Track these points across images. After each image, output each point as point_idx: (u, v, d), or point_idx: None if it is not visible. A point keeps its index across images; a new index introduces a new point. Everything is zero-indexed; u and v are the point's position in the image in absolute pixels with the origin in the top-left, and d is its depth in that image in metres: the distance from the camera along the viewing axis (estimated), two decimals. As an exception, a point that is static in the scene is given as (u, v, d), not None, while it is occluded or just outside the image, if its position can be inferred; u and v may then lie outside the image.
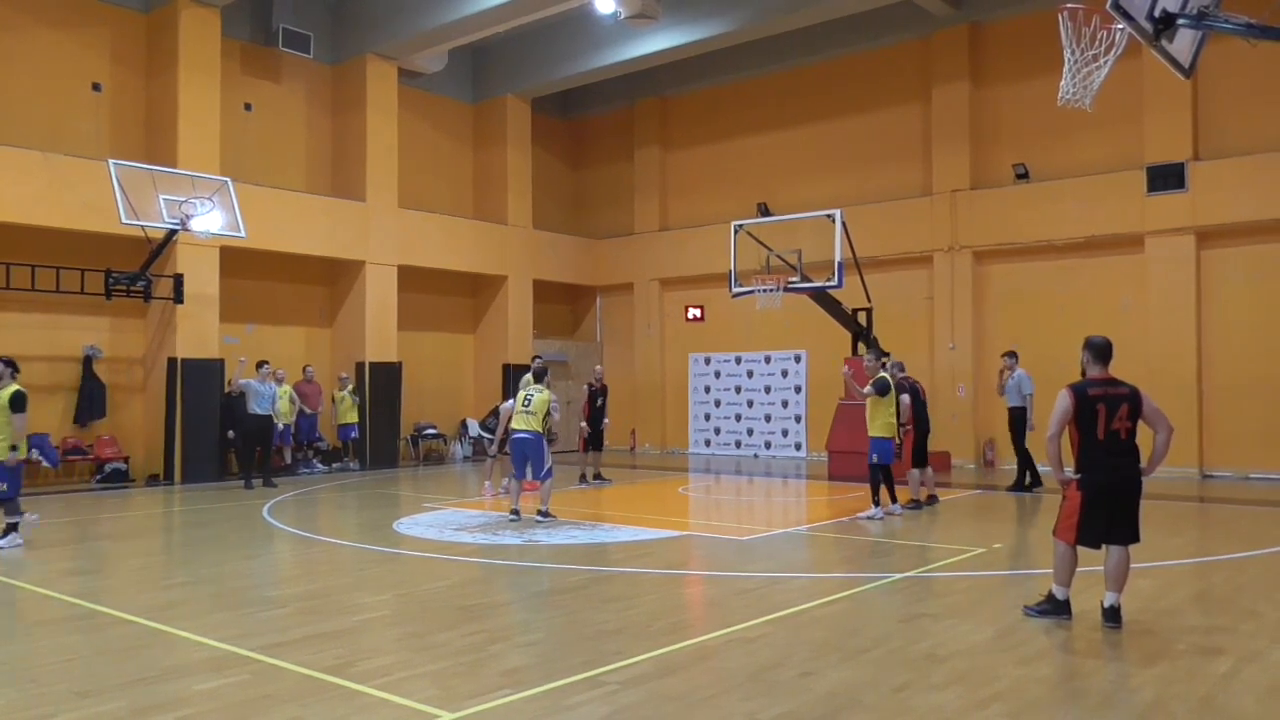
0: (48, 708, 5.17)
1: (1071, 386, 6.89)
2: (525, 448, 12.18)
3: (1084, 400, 6.78)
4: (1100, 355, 7.01)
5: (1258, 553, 9.63)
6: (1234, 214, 16.60)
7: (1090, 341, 7.06)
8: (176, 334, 17.24)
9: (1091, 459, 6.80)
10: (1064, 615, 6.90)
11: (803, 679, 5.57)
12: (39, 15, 16.99)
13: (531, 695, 5.30)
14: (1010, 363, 14.93)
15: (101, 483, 16.88)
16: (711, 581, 8.80)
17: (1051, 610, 6.92)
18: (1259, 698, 5.22)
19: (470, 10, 18.30)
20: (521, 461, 12.28)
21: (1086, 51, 7.82)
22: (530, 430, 12.13)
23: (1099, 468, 6.78)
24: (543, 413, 12.22)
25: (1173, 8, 6.99)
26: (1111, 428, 6.74)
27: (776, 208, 21.60)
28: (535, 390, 12.35)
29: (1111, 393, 6.82)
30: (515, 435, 12.26)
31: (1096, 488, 6.78)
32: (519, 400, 12.35)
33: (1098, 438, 6.75)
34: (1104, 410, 6.75)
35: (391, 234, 20.60)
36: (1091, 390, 6.83)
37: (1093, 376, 6.94)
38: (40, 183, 15.68)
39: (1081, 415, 6.77)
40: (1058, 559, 6.96)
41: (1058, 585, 6.95)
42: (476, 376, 23.56)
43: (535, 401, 12.21)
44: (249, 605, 7.74)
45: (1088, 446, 6.80)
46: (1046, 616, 6.89)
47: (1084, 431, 6.80)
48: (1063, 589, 6.93)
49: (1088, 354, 7.06)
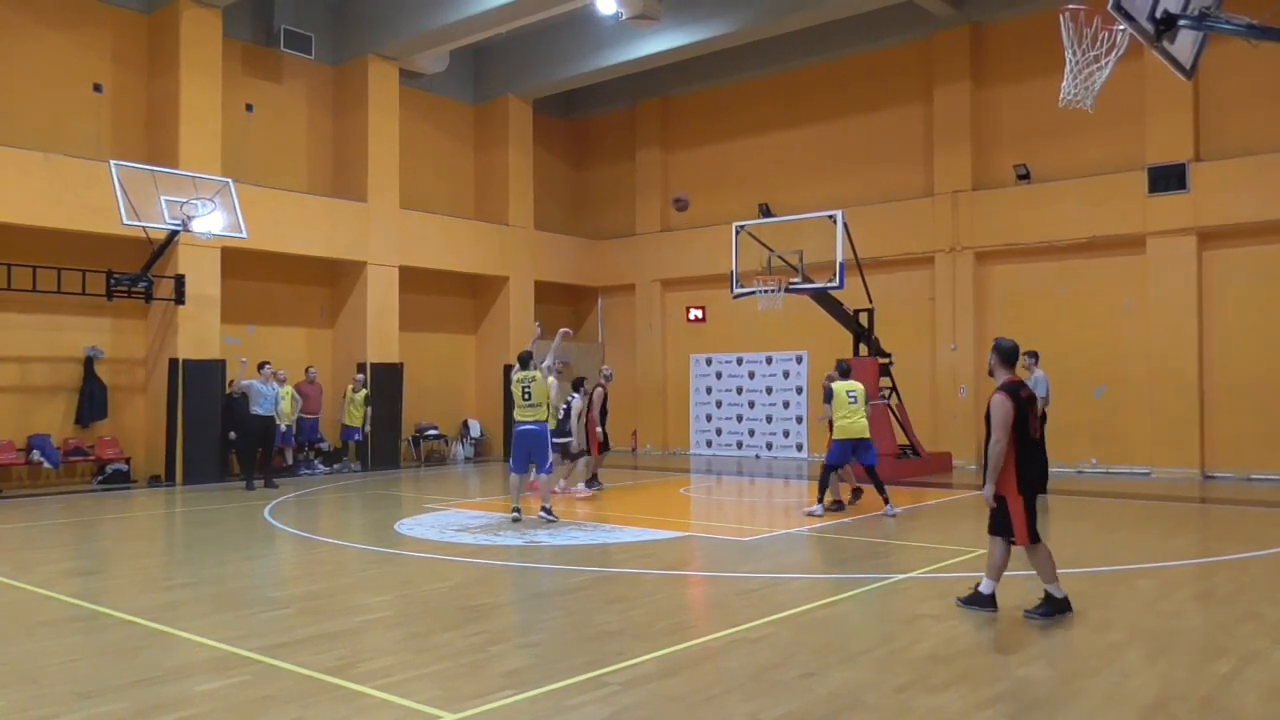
0: (50, 709, 5.17)
1: (1006, 391, 6.98)
2: (530, 440, 11.96)
3: (1020, 403, 6.93)
4: (1010, 359, 7.20)
5: (1259, 553, 9.62)
6: (1235, 215, 16.59)
7: (999, 345, 7.24)
8: (178, 335, 17.25)
9: (1025, 458, 6.95)
10: (1065, 611, 7.00)
11: (804, 679, 5.57)
12: (40, 16, 17.01)
13: (533, 696, 5.30)
14: (1029, 362, 14.51)
15: (103, 484, 16.88)
16: (713, 582, 8.80)
17: (1056, 610, 6.96)
18: (1261, 698, 5.21)
19: (472, 11, 18.32)
20: (524, 456, 12.09)
21: (1088, 52, 7.82)
22: (535, 421, 11.92)
23: (1032, 466, 6.97)
24: (546, 400, 11.97)
25: (1174, 9, 6.98)
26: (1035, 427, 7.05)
27: (778, 208, 21.61)
28: (530, 379, 12.03)
29: (1028, 394, 7.12)
30: (519, 428, 12.06)
31: (1033, 486, 6.98)
32: (517, 393, 12.04)
33: (1030, 438, 6.96)
34: (1030, 412, 6.98)
35: (393, 235, 20.61)
36: (1021, 391, 7.02)
37: (1011, 379, 7.09)
38: (41, 183, 15.69)
39: (1019, 417, 6.88)
40: (1039, 562, 7.03)
41: (1051, 585, 7.02)
42: (478, 377, 23.57)
43: (536, 391, 11.96)
44: (251, 606, 7.74)
45: (1023, 447, 6.92)
46: (1050, 618, 6.90)
47: (1020, 433, 6.89)
48: (1058, 587, 7.03)
49: (996, 357, 7.21)
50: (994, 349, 7.27)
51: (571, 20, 21.07)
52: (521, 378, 12.12)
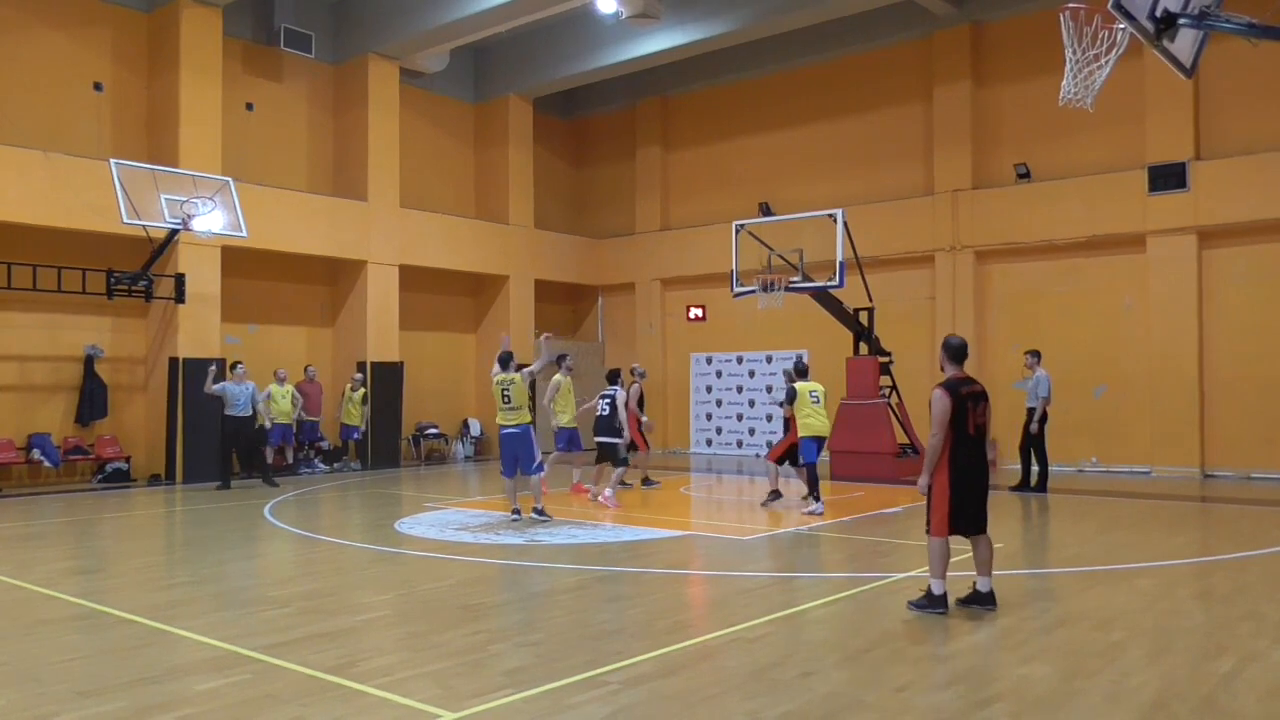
0: (50, 707, 5.17)
1: (945, 387, 7.08)
2: (514, 443, 11.89)
3: (959, 399, 7.03)
4: (957, 356, 7.30)
5: (1259, 552, 9.63)
6: (1235, 214, 16.60)
7: (948, 342, 7.34)
8: (178, 334, 17.26)
9: (961, 453, 7.04)
10: (940, 609, 7.02)
11: (804, 679, 5.57)
12: (40, 15, 17.01)
13: (533, 695, 5.30)
14: (1031, 361, 14.67)
15: (103, 482, 16.89)
16: (713, 581, 8.80)
17: (929, 605, 7.05)
18: (1260, 698, 5.21)
19: (472, 10, 18.31)
20: (510, 459, 11.99)
21: (1088, 51, 7.82)
22: (517, 424, 11.83)
23: (967, 461, 7.04)
24: (525, 402, 11.86)
25: (1174, 7, 6.98)
26: (976, 424, 7.08)
27: (778, 207, 21.61)
28: (509, 381, 11.93)
29: (973, 390, 7.15)
30: (502, 431, 12.00)
31: (966, 481, 7.04)
32: (497, 396, 11.94)
33: (968, 433, 7.05)
34: (970, 408, 7.07)
35: (393, 234, 20.61)
36: (962, 389, 7.10)
37: (955, 376, 7.20)
38: (42, 182, 15.69)
39: (956, 413, 7.00)
40: (934, 554, 7.06)
41: (935, 579, 7.06)
42: (478, 376, 23.55)
43: (515, 394, 11.86)
44: (250, 605, 7.74)
45: (959, 442, 7.02)
46: (925, 611, 7.02)
47: (956, 428, 7.01)
48: (940, 583, 7.05)
49: (945, 354, 7.33)
50: (942, 345, 7.37)
51: (572, 19, 21.06)
52: (501, 380, 12.02)
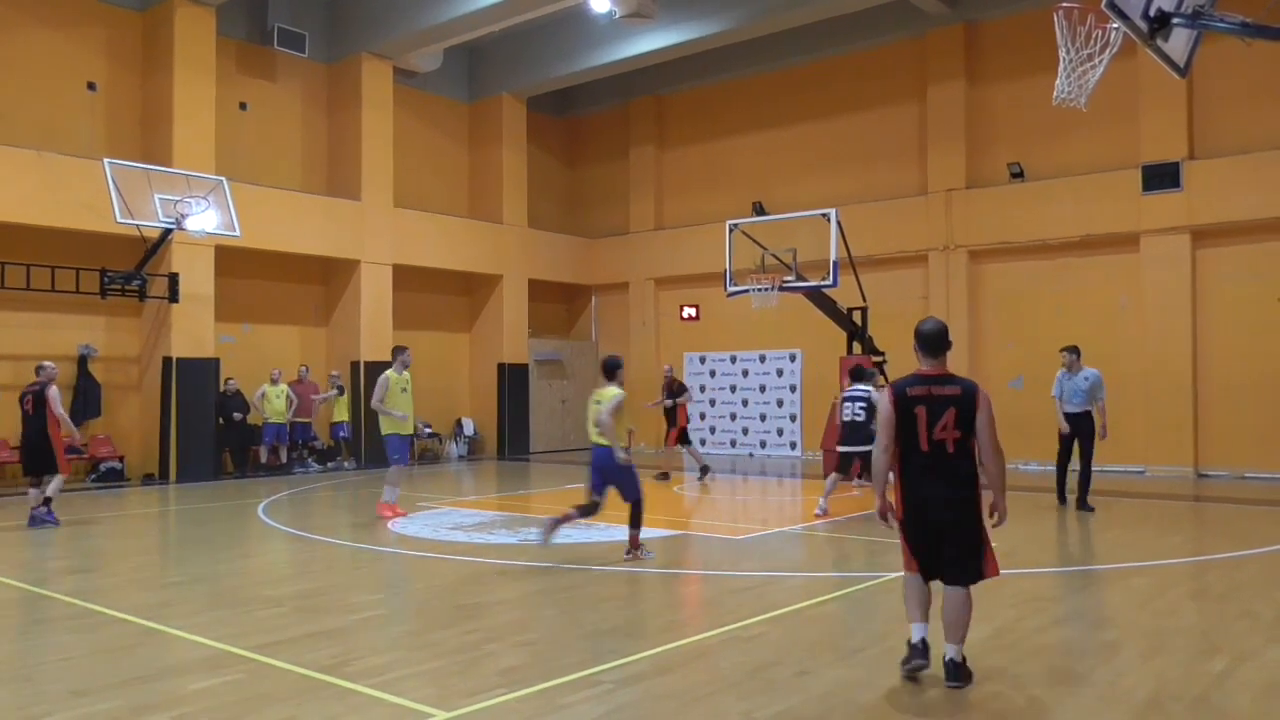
0: (43, 707, 5.16)
1: (892, 386, 5.56)
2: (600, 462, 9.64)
3: (902, 401, 5.41)
4: (929, 345, 5.54)
5: (1253, 552, 9.65)
6: (1229, 213, 16.62)
7: (918, 329, 5.61)
8: (172, 333, 17.23)
9: (911, 476, 5.42)
10: (917, 660, 5.43)
11: (799, 678, 5.57)
12: (34, 14, 16.95)
13: (527, 694, 5.29)
14: (1071, 358, 12.42)
15: (97, 482, 16.85)
16: (707, 580, 8.80)
17: (907, 658, 5.48)
18: (1255, 697, 5.22)
19: (465, 9, 18.29)
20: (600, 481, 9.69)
21: (1082, 50, 7.84)
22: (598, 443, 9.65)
23: (918, 489, 5.40)
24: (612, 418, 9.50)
25: (1168, 7, 6.99)
26: (935, 437, 5.32)
27: (772, 207, 21.61)
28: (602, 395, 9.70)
29: (936, 393, 5.37)
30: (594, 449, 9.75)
31: (917, 514, 5.44)
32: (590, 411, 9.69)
33: (920, 449, 5.36)
34: (924, 414, 5.34)
35: (387, 233, 20.58)
36: (911, 389, 5.42)
37: (920, 371, 5.52)
38: (35, 182, 15.65)
39: (901, 420, 5.39)
40: (905, 591, 5.65)
41: (910, 623, 5.53)
42: (471, 376, 23.56)
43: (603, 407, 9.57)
44: (244, 604, 7.72)
45: (909, 461, 5.42)
46: (905, 667, 5.48)
47: (904, 441, 5.41)
48: (916, 627, 5.49)
49: (916, 343, 5.62)
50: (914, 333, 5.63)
51: (565, 18, 21.05)
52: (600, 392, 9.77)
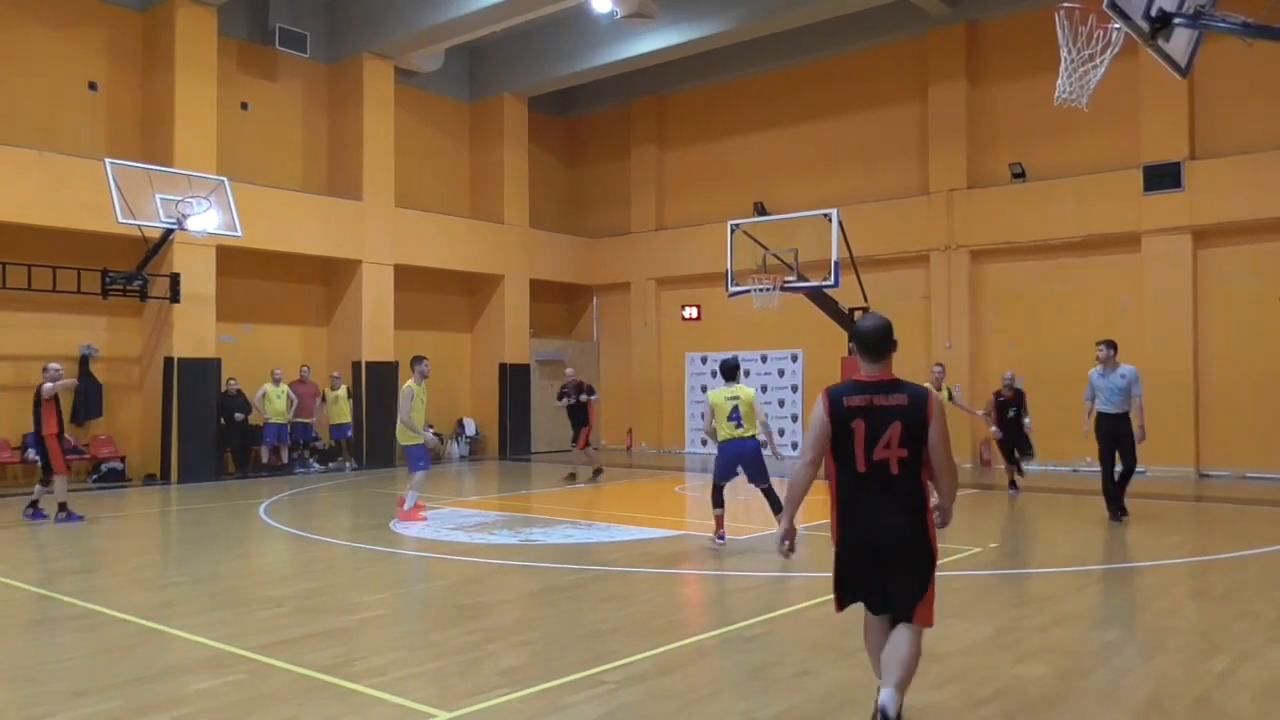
0: (45, 707, 5.16)
1: (827, 393, 4.60)
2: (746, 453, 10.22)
3: (838, 413, 4.48)
4: (870, 346, 4.59)
5: (1254, 552, 9.64)
6: (1230, 213, 16.62)
7: (857, 326, 4.74)
8: (173, 333, 17.24)
9: (847, 500, 4.54)
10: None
11: (800, 678, 5.57)
12: (35, 14, 16.97)
13: (529, 694, 5.30)
14: (1107, 353, 11.80)
15: (98, 482, 16.86)
16: (708, 580, 8.80)
17: None
18: (1255, 697, 5.22)
19: (467, 9, 18.30)
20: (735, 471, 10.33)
21: (1083, 51, 7.84)
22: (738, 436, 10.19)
23: (856, 517, 4.52)
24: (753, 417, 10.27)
25: (1169, 7, 6.99)
26: (874, 456, 4.44)
27: (773, 207, 21.60)
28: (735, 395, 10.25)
29: (879, 403, 4.46)
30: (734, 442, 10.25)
31: (854, 545, 4.55)
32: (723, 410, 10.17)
33: (856, 470, 4.47)
34: (862, 429, 4.44)
35: (388, 233, 20.59)
36: (850, 399, 4.49)
37: (861, 377, 4.58)
38: (36, 182, 15.66)
39: (836, 435, 4.49)
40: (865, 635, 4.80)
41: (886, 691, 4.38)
42: (473, 376, 23.56)
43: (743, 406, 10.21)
44: (245, 604, 7.73)
45: (844, 483, 4.54)
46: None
47: (839, 460, 4.54)
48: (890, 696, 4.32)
49: (853, 343, 4.83)
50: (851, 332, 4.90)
51: (567, 18, 21.05)
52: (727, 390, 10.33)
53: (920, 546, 4.49)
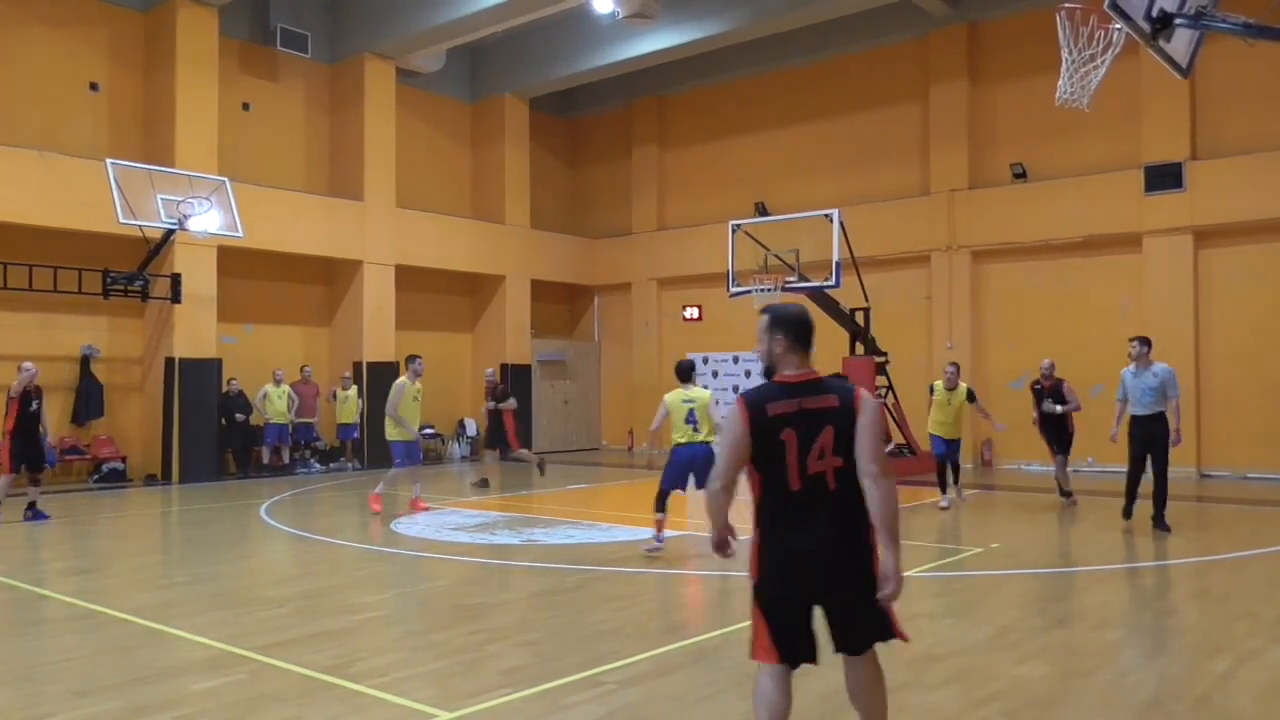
0: (45, 707, 5.16)
1: (744, 399, 3.83)
2: None
3: (761, 424, 3.73)
4: (798, 334, 3.90)
5: (1255, 552, 9.64)
6: (1232, 213, 16.60)
7: (778, 313, 3.98)
8: (174, 334, 17.24)
9: (777, 525, 3.78)
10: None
11: (800, 679, 5.53)
12: (36, 14, 16.97)
13: (530, 695, 5.30)
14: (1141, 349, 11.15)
15: (99, 482, 16.86)
16: (709, 581, 8.80)
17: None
18: (1256, 697, 5.22)
19: (468, 10, 18.30)
20: None
21: (1084, 51, 7.85)
22: None
23: (789, 541, 3.76)
24: None
25: (1170, 7, 6.99)
26: (810, 470, 3.72)
27: (774, 207, 21.61)
28: None
29: (809, 406, 3.75)
30: None
31: (787, 576, 3.79)
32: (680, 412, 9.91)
33: (788, 488, 3.72)
34: (794, 440, 3.71)
35: (389, 233, 20.59)
36: (774, 405, 3.75)
37: (786, 377, 3.86)
38: (37, 182, 15.66)
39: (758, 446, 3.74)
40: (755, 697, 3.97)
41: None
42: (474, 377, 23.54)
43: None
44: (247, 605, 7.73)
45: (773, 507, 3.79)
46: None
47: (764, 476, 3.78)
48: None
49: (779, 336, 3.91)
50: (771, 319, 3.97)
51: (568, 19, 21.05)
52: None
53: (868, 561, 3.79)
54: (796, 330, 3.88)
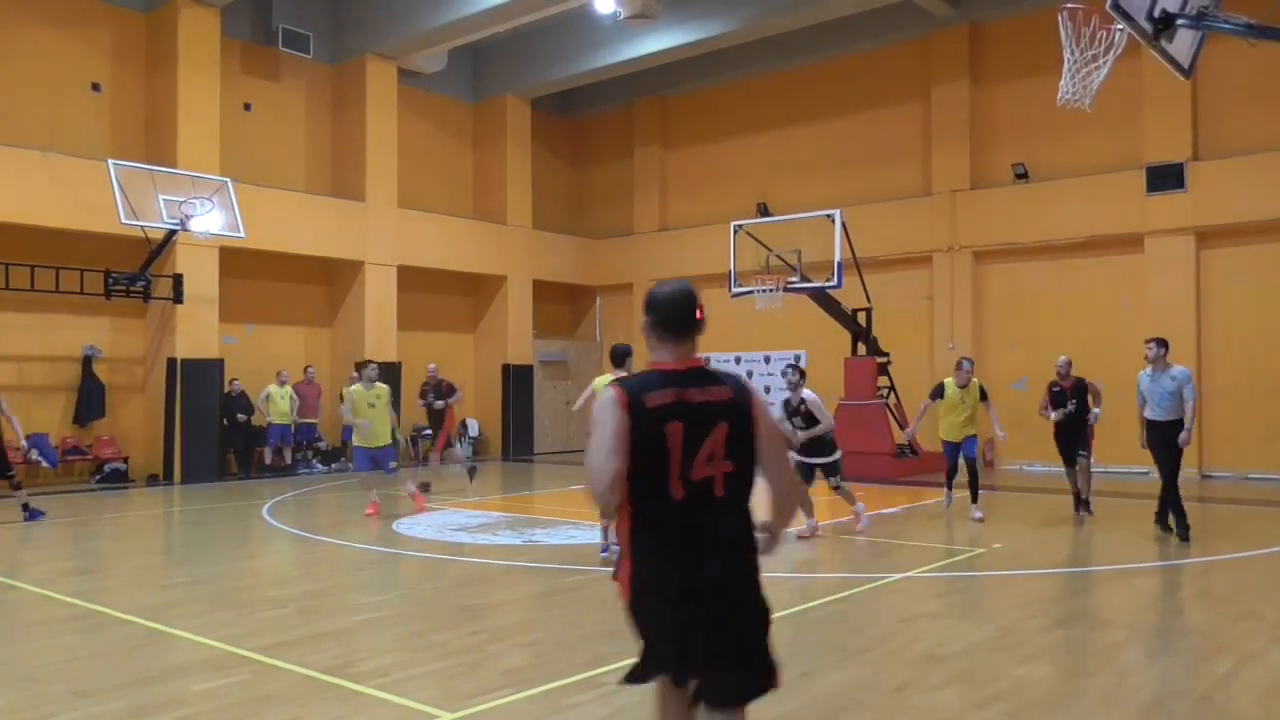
0: (47, 708, 5.17)
1: (620, 385, 3.28)
2: None
3: (639, 416, 3.15)
4: (674, 318, 3.51)
5: (1257, 553, 9.63)
6: (1233, 214, 16.59)
7: (656, 295, 3.60)
8: (176, 334, 17.25)
9: (655, 545, 3.20)
10: None
11: (803, 679, 5.57)
12: (38, 14, 16.99)
13: (531, 695, 5.30)
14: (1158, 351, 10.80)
15: (101, 483, 16.87)
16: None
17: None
18: (1259, 697, 5.21)
19: (470, 10, 18.30)
20: None
21: (1086, 51, 7.84)
22: None
23: (669, 563, 3.19)
24: None
25: (1172, 8, 6.99)
26: (695, 475, 3.17)
27: (776, 208, 21.60)
28: None
29: (696, 399, 3.25)
30: None
31: (665, 599, 3.21)
32: None
33: (671, 498, 3.14)
34: (680, 437, 3.15)
35: (391, 234, 20.60)
36: (652, 397, 3.21)
37: (666, 365, 3.42)
38: (40, 183, 15.68)
39: (641, 445, 3.12)
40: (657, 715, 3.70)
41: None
42: (476, 377, 23.56)
43: None
44: (248, 605, 7.73)
45: (649, 518, 3.20)
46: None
47: (640, 485, 3.14)
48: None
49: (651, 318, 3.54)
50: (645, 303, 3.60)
51: (569, 19, 21.05)
52: None
53: (754, 594, 3.35)
54: (669, 311, 3.40)
